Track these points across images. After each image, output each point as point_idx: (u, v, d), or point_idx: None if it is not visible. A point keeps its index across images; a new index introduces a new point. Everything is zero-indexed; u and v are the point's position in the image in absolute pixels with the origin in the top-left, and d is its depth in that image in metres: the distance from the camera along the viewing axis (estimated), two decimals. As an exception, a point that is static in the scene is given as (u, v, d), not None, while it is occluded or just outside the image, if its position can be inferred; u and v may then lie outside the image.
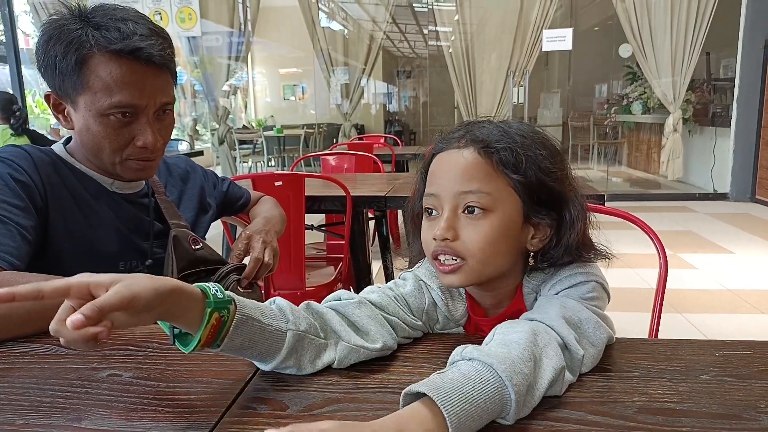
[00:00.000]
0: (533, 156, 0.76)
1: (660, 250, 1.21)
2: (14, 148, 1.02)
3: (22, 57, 6.24)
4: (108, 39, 0.95)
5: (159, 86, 1.01)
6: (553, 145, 0.80)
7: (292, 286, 2.09)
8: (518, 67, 6.25)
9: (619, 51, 6.74)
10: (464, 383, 0.56)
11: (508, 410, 0.57)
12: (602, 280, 0.79)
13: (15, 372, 0.73)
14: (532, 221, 0.78)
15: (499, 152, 0.75)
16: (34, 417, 0.62)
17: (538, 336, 0.64)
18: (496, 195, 0.75)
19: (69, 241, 1.01)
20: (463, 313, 0.85)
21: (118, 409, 0.64)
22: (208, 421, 0.60)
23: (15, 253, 0.90)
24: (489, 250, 0.75)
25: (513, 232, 0.77)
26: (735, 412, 0.60)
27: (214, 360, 0.76)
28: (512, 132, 0.78)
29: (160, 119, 1.04)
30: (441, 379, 0.57)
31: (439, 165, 0.80)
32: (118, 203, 1.09)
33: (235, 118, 9.12)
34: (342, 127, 7.49)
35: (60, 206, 1.00)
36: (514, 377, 0.57)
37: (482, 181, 0.75)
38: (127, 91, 0.96)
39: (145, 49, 0.96)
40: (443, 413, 0.52)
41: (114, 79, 0.95)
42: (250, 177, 1.97)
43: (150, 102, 1.00)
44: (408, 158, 5.03)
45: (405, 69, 11.13)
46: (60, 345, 0.80)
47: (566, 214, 0.78)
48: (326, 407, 0.63)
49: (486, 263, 0.76)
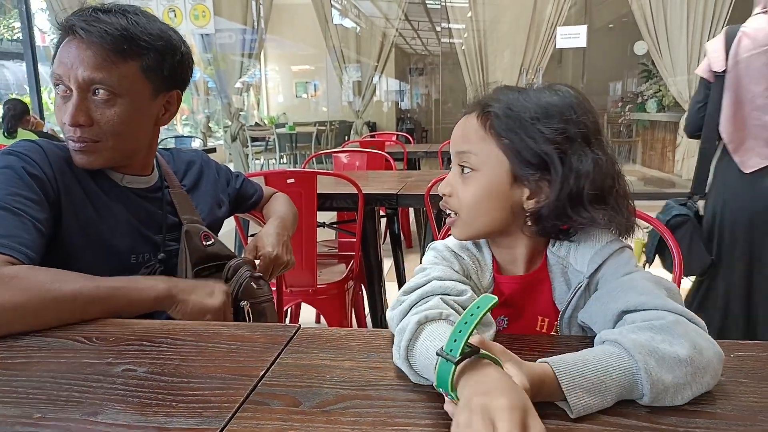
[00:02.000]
0: (522, 121, 0.78)
1: (675, 249, 1.20)
2: (28, 143, 1.03)
3: (38, 54, 6.30)
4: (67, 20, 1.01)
5: (84, 60, 0.99)
6: (562, 104, 0.79)
7: (304, 283, 2.10)
8: (531, 64, 6.21)
9: (634, 48, 6.68)
10: (586, 355, 0.62)
11: (640, 387, 0.60)
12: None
13: (32, 366, 0.75)
14: (526, 182, 0.79)
15: (491, 116, 0.80)
16: (51, 410, 0.63)
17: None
18: (483, 156, 0.80)
19: (81, 234, 1.02)
20: (489, 282, 0.87)
21: (133, 403, 0.64)
22: (222, 416, 0.61)
23: (31, 246, 0.91)
24: (474, 206, 0.82)
25: (500, 191, 0.80)
26: (750, 414, 0.60)
27: (227, 356, 0.76)
28: (520, 98, 0.80)
29: (93, 101, 1.01)
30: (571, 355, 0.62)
31: (455, 128, 0.86)
32: (129, 198, 1.10)
33: (247, 115, 9.16)
34: (354, 125, 7.49)
35: (72, 200, 1.02)
36: (647, 359, 0.60)
37: (473, 142, 0.81)
38: (57, 61, 1.00)
39: (77, 24, 0.99)
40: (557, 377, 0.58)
41: (57, 52, 1.01)
42: (263, 174, 1.97)
43: (72, 74, 0.99)
44: (420, 156, 5.02)
45: (417, 66, 11.12)
46: (76, 340, 0.82)
47: (554, 175, 0.78)
48: (339, 403, 0.63)
49: (475, 218, 0.83)
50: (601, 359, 0.61)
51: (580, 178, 0.77)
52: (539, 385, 0.59)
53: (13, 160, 0.98)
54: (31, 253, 0.90)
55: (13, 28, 9.67)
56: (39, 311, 0.85)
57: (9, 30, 9.97)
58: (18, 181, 0.96)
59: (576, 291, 0.81)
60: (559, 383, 0.59)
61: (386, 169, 3.45)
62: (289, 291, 2.09)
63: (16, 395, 0.67)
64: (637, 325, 0.66)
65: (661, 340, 0.62)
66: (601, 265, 0.80)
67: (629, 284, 0.74)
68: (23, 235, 0.91)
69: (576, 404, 0.58)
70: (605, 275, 0.80)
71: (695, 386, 0.61)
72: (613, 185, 0.79)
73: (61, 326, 0.87)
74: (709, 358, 0.63)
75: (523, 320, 0.88)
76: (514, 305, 0.88)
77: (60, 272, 0.89)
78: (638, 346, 0.61)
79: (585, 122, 0.79)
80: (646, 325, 0.65)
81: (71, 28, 0.99)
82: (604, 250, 0.81)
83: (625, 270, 0.78)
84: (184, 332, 0.85)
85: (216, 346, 0.80)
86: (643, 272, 0.77)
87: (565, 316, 0.83)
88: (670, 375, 0.60)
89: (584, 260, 0.81)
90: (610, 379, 0.60)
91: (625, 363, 0.61)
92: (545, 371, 0.60)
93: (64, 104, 1.01)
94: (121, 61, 1.00)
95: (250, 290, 1.12)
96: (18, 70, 7.35)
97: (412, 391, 0.66)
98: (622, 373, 0.60)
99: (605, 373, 0.60)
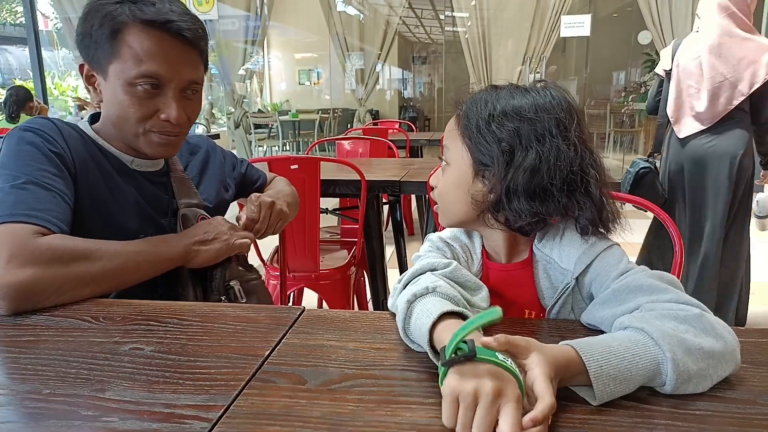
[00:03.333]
0: (478, 122, 0.83)
1: (676, 237, 1.20)
2: (42, 120, 1.04)
3: (41, 39, 6.28)
4: (143, 11, 0.98)
5: (187, 62, 1.03)
6: (527, 104, 0.81)
7: (306, 268, 2.11)
8: (535, 53, 6.19)
9: (638, 38, 6.65)
10: (611, 341, 0.63)
11: (663, 374, 0.60)
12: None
13: (41, 344, 0.76)
14: (483, 177, 0.83)
15: (461, 117, 0.86)
16: (60, 387, 0.64)
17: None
18: (454, 151, 0.87)
19: (94, 212, 1.03)
20: (478, 269, 0.92)
21: (141, 381, 0.65)
22: (229, 393, 0.62)
23: (62, 218, 0.94)
24: (445, 196, 0.89)
25: (464, 184, 0.85)
26: (750, 397, 0.61)
27: (233, 336, 0.77)
28: (487, 99, 0.84)
29: (187, 97, 1.07)
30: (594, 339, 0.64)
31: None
32: (139, 181, 1.11)
33: (250, 102, 9.14)
34: (357, 113, 7.48)
35: (87, 178, 1.03)
36: (672, 345, 0.61)
37: (449, 139, 0.88)
38: (154, 61, 0.99)
39: (176, 22, 0.99)
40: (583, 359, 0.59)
41: (144, 49, 0.98)
42: (266, 160, 1.97)
43: (176, 76, 1.02)
44: (422, 144, 5.01)
45: (420, 54, 11.07)
46: (83, 320, 0.83)
47: (494, 170, 0.81)
48: (344, 382, 0.64)
49: (447, 207, 0.90)
50: (628, 347, 0.61)
51: (518, 172, 0.78)
52: (564, 370, 0.59)
53: (33, 137, 1.00)
54: (64, 226, 0.94)
55: (16, 12, 9.63)
56: (75, 279, 0.89)
57: (12, 14, 9.94)
58: (40, 156, 0.98)
59: (564, 291, 0.82)
60: (587, 369, 0.59)
61: (389, 156, 3.45)
62: (291, 276, 2.10)
63: (25, 371, 0.68)
64: (660, 312, 0.66)
65: (685, 330, 0.63)
66: (589, 265, 0.80)
67: (635, 284, 0.73)
68: (55, 208, 0.94)
69: (601, 392, 0.58)
70: (599, 276, 0.80)
71: (716, 376, 0.62)
72: (573, 179, 0.79)
73: (91, 298, 0.91)
74: (732, 349, 0.64)
75: (511, 312, 0.89)
76: (501, 296, 0.90)
77: (94, 241, 0.93)
78: (666, 336, 0.61)
79: (545, 119, 0.80)
80: (670, 314, 0.65)
81: (168, 25, 0.99)
82: (591, 250, 0.81)
83: (620, 269, 0.78)
84: (190, 312, 0.86)
85: (222, 326, 0.81)
86: (642, 270, 0.77)
87: (551, 314, 0.84)
88: (695, 366, 0.61)
89: (570, 258, 0.82)
90: (636, 368, 0.60)
91: (651, 352, 0.61)
92: (570, 356, 0.60)
93: (150, 99, 1.02)
94: (204, 58, 1.09)
95: (236, 272, 1.16)
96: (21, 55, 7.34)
97: (416, 371, 0.67)
98: (648, 362, 0.60)
99: (631, 362, 0.60)
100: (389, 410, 0.58)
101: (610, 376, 0.59)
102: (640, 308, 0.69)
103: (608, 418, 0.57)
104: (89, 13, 1.00)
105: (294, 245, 2.06)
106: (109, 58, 1.00)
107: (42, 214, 0.91)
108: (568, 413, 0.58)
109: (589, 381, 0.59)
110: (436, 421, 0.56)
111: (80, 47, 1.04)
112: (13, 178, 0.94)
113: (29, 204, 0.91)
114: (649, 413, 0.58)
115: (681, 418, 0.57)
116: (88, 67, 1.04)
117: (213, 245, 1.06)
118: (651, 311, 0.67)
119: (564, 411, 0.58)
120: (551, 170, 0.78)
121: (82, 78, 1.06)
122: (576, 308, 0.84)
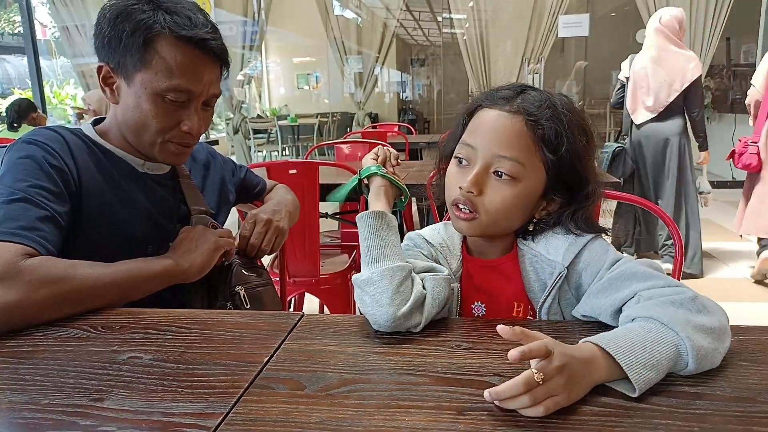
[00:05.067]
0: (573, 139, 0.79)
1: (676, 237, 1.20)
2: (47, 131, 1.04)
3: (39, 48, 6.29)
4: (179, 24, 0.99)
5: (214, 78, 1.06)
6: (589, 128, 0.83)
7: (307, 273, 2.10)
8: (533, 53, 6.18)
9: (636, 37, 6.61)
10: (628, 333, 0.64)
11: (685, 357, 0.62)
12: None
13: (39, 354, 0.75)
14: (551, 195, 0.82)
15: (544, 129, 0.79)
16: (58, 397, 0.64)
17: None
18: (527, 167, 0.80)
19: (100, 223, 1.02)
20: (458, 267, 0.91)
21: (139, 389, 0.65)
22: (227, 401, 0.62)
23: (50, 239, 0.92)
24: (503, 213, 0.82)
25: (530, 202, 0.82)
26: (749, 395, 0.61)
27: (231, 343, 0.77)
28: (558, 108, 0.80)
29: (205, 109, 1.09)
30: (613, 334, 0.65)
31: (484, 120, 0.84)
32: (148, 185, 1.11)
33: (249, 107, 9.15)
34: (356, 116, 7.48)
35: (92, 189, 1.02)
36: (688, 330, 0.63)
37: (520, 150, 0.80)
38: (186, 76, 1.01)
39: (211, 42, 1.02)
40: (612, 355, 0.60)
41: (177, 62, 0.99)
42: (265, 165, 1.97)
43: (204, 90, 1.04)
44: (422, 147, 5.01)
45: (419, 57, 11.06)
46: (82, 329, 0.83)
47: (579, 195, 0.82)
48: (342, 387, 0.64)
49: (497, 223, 0.83)
50: (646, 335, 0.63)
51: (590, 197, 0.82)
52: (586, 366, 0.60)
53: (34, 150, 0.98)
54: (50, 247, 0.91)
55: (14, 22, 9.66)
56: (59, 302, 0.86)
57: (10, 24, 9.96)
58: (39, 172, 0.96)
59: (557, 282, 0.83)
60: (617, 362, 0.60)
61: (388, 159, 3.44)
62: (292, 281, 2.10)
63: (23, 382, 0.68)
64: (660, 300, 0.68)
65: (687, 312, 0.66)
66: (578, 255, 0.82)
67: (630, 272, 0.76)
68: (44, 228, 0.91)
69: (638, 380, 0.59)
70: (590, 265, 0.81)
71: (722, 348, 0.65)
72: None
73: (79, 315, 0.88)
74: (725, 323, 0.68)
75: (500, 306, 0.89)
76: (488, 291, 0.90)
77: (80, 263, 0.91)
78: (674, 319, 0.64)
79: (593, 139, 0.84)
80: (669, 300, 0.68)
81: (204, 44, 1.01)
82: (578, 240, 0.83)
83: (610, 258, 0.81)
84: (189, 320, 0.86)
85: (220, 333, 0.81)
86: (631, 259, 0.80)
87: (544, 306, 0.84)
88: (705, 342, 0.63)
89: (557, 250, 0.83)
90: (660, 353, 0.62)
91: (667, 336, 0.63)
92: (592, 352, 0.61)
93: (174, 111, 1.03)
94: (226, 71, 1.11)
95: (240, 275, 1.15)
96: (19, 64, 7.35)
97: (416, 375, 0.66)
98: (667, 346, 0.62)
99: (654, 348, 0.62)
100: (388, 415, 0.58)
101: (640, 364, 0.60)
102: (636, 295, 0.72)
103: (608, 419, 0.57)
104: (119, 17, 0.99)
105: (294, 250, 2.05)
106: (138, 66, 0.99)
107: (30, 234, 0.89)
108: (565, 413, 0.57)
109: (622, 373, 0.60)
110: (434, 425, 0.56)
111: (104, 49, 1.02)
112: (8, 193, 0.92)
113: (19, 222, 0.89)
114: (649, 413, 0.57)
115: (681, 417, 0.57)
116: (107, 69, 1.03)
117: (200, 250, 1.04)
118: (650, 299, 0.69)
119: (564, 411, 0.58)
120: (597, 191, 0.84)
121: (98, 77, 1.06)
122: (562, 301, 0.84)
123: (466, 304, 0.91)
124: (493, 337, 0.76)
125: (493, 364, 0.68)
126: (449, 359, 0.70)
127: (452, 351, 0.72)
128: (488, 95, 0.86)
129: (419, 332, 0.78)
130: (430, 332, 0.79)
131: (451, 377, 0.66)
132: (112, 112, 1.09)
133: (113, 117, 1.09)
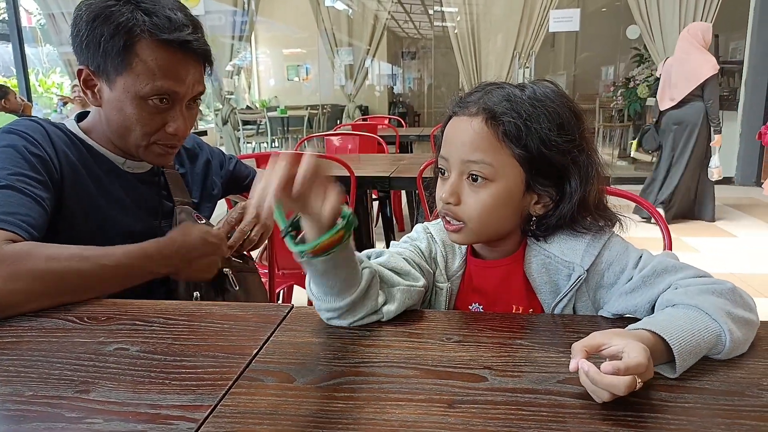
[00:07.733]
0: (538, 129, 0.77)
1: (665, 231, 1.21)
2: (28, 121, 1.02)
3: (25, 35, 6.19)
4: (159, 27, 0.96)
5: (197, 77, 1.04)
6: (568, 113, 0.80)
7: (296, 265, 2.08)
8: (524, 48, 6.18)
9: (627, 32, 6.66)
10: (677, 320, 0.66)
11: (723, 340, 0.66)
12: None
13: (23, 345, 0.74)
14: (535, 189, 0.81)
15: (504, 124, 0.77)
16: (43, 388, 0.63)
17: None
18: (497, 166, 0.78)
19: (82, 217, 1.01)
20: (459, 266, 0.90)
21: (126, 381, 0.64)
22: (216, 393, 0.61)
23: (34, 223, 0.90)
24: (486, 216, 0.80)
25: (513, 200, 0.81)
26: (737, 389, 0.61)
27: (220, 335, 0.76)
28: (524, 101, 0.79)
29: (190, 108, 1.07)
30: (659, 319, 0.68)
31: (451, 130, 0.83)
32: (130, 182, 1.10)
33: (238, 98, 9.08)
34: (346, 108, 7.45)
35: (74, 181, 1.01)
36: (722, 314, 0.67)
37: (486, 151, 0.78)
38: (169, 79, 0.99)
39: (193, 43, 0.99)
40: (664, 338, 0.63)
41: (159, 65, 0.97)
42: (254, 156, 1.96)
43: (188, 91, 1.03)
44: (412, 139, 5.01)
45: (410, 50, 11.03)
46: (67, 320, 0.82)
47: (566, 185, 0.80)
48: (332, 380, 0.63)
49: (485, 226, 0.82)
50: (693, 324, 0.66)
51: (587, 184, 0.80)
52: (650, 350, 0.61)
53: (15, 139, 0.97)
54: (35, 232, 0.90)
55: (-1, 8, 9.49)
56: (45, 291, 0.84)
57: (-6, 11, 9.79)
58: (20, 161, 0.94)
59: (576, 284, 0.82)
60: (670, 347, 0.62)
61: (378, 152, 3.44)
62: (281, 273, 2.09)
63: (7, 374, 0.67)
64: (699, 288, 0.71)
65: (725, 303, 0.69)
66: (598, 255, 0.81)
67: (661, 267, 0.78)
68: (29, 213, 0.90)
69: (682, 366, 0.63)
70: (612, 264, 0.81)
71: (750, 339, 0.70)
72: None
73: (63, 305, 0.86)
74: (757, 316, 0.72)
75: (497, 308, 0.89)
76: (487, 292, 0.89)
77: (67, 247, 0.89)
78: (718, 310, 0.67)
79: (582, 127, 0.81)
80: (709, 290, 0.71)
81: (185, 45, 0.99)
82: (596, 241, 0.82)
83: (633, 255, 0.81)
84: (176, 312, 0.85)
85: (208, 325, 0.80)
86: (656, 253, 0.82)
87: (557, 307, 0.84)
88: (741, 334, 0.67)
89: (574, 251, 0.82)
90: (704, 341, 0.65)
91: (711, 327, 0.66)
92: (649, 338, 0.63)
93: (158, 113, 1.01)
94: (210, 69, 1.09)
95: (231, 262, 1.15)
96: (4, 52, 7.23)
97: (406, 368, 0.66)
98: (710, 335, 0.65)
99: (701, 337, 0.65)
100: (378, 408, 0.58)
101: (687, 351, 0.63)
102: (672, 285, 0.74)
103: (597, 412, 0.57)
104: (96, 20, 0.96)
105: (283, 242, 2.04)
106: (120, 70, 0.97)
107: (13, 219, 0.88)
108: (556, 406, 0.57)
109: (668, 358, 0.63)
110: (424, 417, 0.56)
111: (82, 52, 0.99)
112: None
113: (2, 208, 0.88)
114: (638, 406, 0.57)
115: (670, 411, 0.57)
116: (88, 72, 1.01)
117: (199, 264, 1.01)
118: (688, 287, 0.72)
119: (552, 404, 0.58)
120: (600, 176, 0.82)
121: (79, 81, 1.03)
122: (579, 303, 0.84)
123: (463, 305, 0.90)
124: (484, 330, 0.76)
125: (483, 356, 0.68)
126: (440, 352, 0.70)
127: (443, 344, 0.72)
128: (458, 102, 0.84)
129: (410, 325, 0.78)
130: (420, 325, 0.78)
131: (441, 370, 0.65)
132: (95, 111, 1.07)
133: (97, 117, 1.07)
